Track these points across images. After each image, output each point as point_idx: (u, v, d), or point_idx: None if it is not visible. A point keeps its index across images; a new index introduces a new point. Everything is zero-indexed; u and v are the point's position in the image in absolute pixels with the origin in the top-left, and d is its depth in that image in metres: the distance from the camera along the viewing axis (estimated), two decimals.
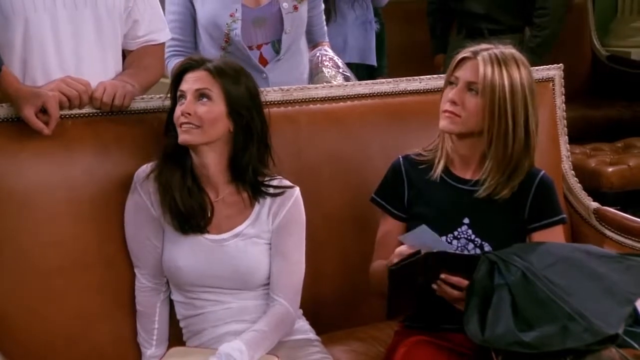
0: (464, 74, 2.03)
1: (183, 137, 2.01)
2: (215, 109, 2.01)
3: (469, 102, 2.01)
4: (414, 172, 2.15)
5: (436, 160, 2.12)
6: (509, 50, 2.05)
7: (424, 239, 1.92)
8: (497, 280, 1.84)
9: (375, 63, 3.92)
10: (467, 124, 2.02)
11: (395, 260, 1.92)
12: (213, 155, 2.05)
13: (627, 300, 1.87)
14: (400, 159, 2.18)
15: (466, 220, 2.07)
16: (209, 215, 2.06)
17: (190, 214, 2.04)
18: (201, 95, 2.01)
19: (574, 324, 1.78)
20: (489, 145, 2.03)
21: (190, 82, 2.03)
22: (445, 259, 1.92)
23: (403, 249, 1.94)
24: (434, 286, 1.92)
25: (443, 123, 2.04)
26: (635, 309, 1.90)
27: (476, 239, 2.06)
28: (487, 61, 2.00)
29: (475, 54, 2.02)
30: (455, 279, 1.90)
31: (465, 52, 2.05)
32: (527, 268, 1.85)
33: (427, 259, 1.89)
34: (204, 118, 2.00)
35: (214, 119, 2.01)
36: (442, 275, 1.91)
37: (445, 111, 2.03)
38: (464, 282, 1.89)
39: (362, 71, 3.75)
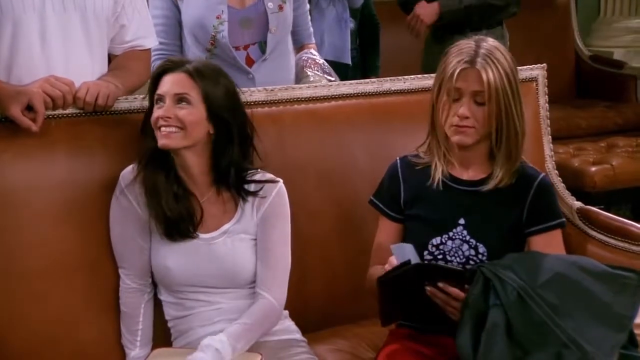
0: (467, 85, 1.99)
1: (163, 142, 2.00)
2: (195, 112, 2.00)
3: (478, 112, 2.00)
4: (411, 174, 2.14)
5: (434, 164, 2.10)
6: (487, 42, 2.04)
7: (409, 255, 1.93)
8: (493, 301, 1.82)
9: (349, 62, 3.89)
10: (480, 132, 2.02)
11: (387, 268, 1.92)
12: (195, 158, 2.04)
13: (622, 325, 1.85)
14: (398, 160, 2.18)
15: (462, 221, 2.06)
16: (198, 218, 2.06)
17: (178, 221, 2.03)
18: (180, 99, 2.00)
19: (568, 351, 1.76)
20: (499, 144, 2.03)
21: (169, 85, 2.01)
22: (434, 271, 1.93)
23: (393, 260, 1.94)
24: (428, 289, 1.90)
25: (457, 137, 2.02)
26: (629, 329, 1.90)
27: (471, 240, 2.05)
28: (486, 67, 1.98)
29: (472, 63, 1.99)
30: (453, 290, 1.89)
31: (461, 65, 2.00)
32: (523, 287, 1.82)
33: (416, 271, 1.90)
34: (185, 121, 1.99)
35: (195, 122, 2.00)
36: (441, 284, 1.89)
37: (457, 126, 2.01)
38: (462, 295, 1.87)
39: (337, 70, 3.73)
